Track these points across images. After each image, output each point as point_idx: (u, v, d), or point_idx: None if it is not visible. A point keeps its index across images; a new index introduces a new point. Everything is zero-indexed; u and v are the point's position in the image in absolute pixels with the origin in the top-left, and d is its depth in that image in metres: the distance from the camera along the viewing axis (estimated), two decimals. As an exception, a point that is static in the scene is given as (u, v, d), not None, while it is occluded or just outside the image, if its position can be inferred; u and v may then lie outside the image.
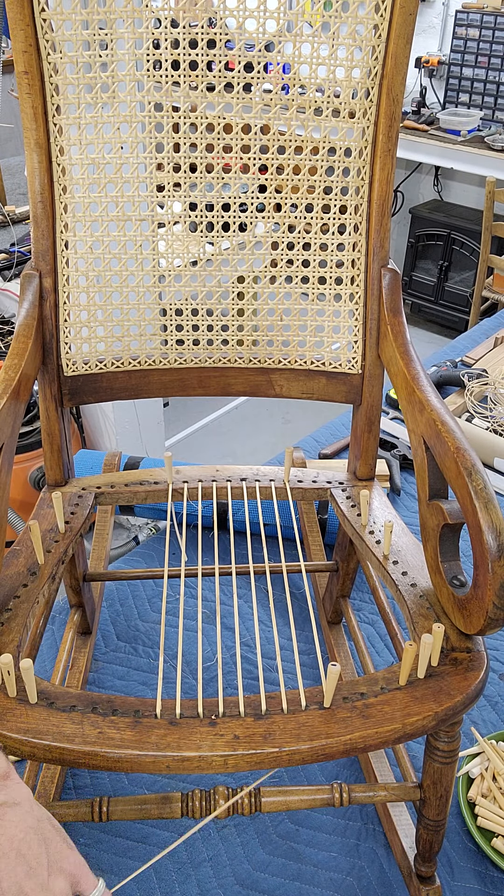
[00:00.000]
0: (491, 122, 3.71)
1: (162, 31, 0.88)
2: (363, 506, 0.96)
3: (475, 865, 0.95)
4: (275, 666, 1.17)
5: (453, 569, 0.80)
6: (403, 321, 0.95)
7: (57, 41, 0.87)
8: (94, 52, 0.88)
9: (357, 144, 0.94)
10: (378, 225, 0.96)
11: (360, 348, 0.99)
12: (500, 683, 1.18)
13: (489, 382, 1.74)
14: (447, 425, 0.78)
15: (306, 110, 0.93)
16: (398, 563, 0.87)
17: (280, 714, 0.70)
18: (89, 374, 1.00)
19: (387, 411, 1.76)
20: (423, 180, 4.36)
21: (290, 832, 0.98)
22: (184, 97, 0.91)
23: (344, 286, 1.00)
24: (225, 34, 0.89)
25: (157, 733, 0.68)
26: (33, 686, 0.69)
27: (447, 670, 0.73)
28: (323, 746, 0.67)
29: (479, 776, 1.01)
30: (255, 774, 1.03)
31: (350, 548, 1.11)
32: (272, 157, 0.95)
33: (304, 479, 1.04)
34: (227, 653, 1.19)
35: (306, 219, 0.98)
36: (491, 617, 0.70)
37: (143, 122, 0.92)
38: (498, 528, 0.68)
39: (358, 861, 0.95)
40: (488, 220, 3.19)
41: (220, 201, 0.96)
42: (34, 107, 0.88)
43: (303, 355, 1.02)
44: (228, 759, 0.66)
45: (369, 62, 0.90)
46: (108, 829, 0.97)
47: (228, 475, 1.05)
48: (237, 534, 1.39)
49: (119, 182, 0.94)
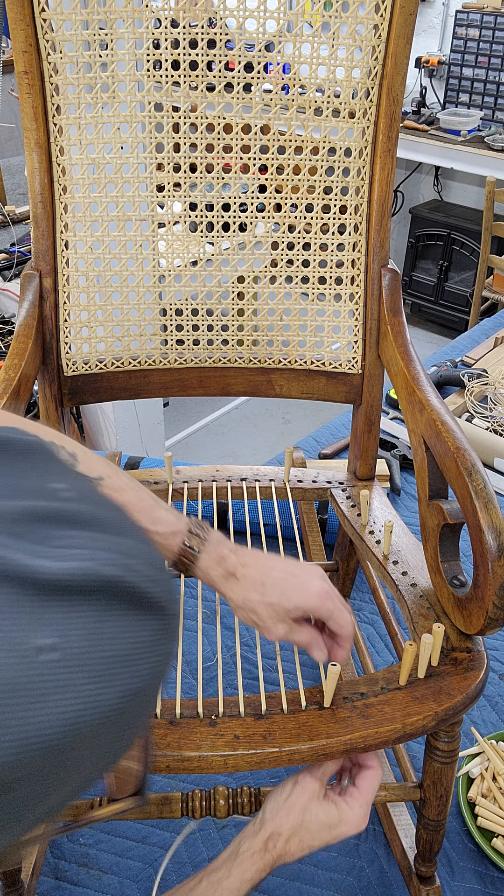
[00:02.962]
0: (491, 122, 3.71)
1: (162, 31, 0.88)
2: (363, 506, 0.96)
3: (475, 865, 0.95)
4: (275, 666, 1.17)
5: (453, 569, 0.80)
6: (403, 321, 0.95)
7: (57, 41, 0.87)
8: (94, 52, 0.88)
9: (357, 144, 0.94)
10: (378, 225, 0.96)
11: (360, 348, 0.99)
12: (500, 683, 1.18)
13: (489, 382, 1.74)
14: (447, 425, 0.78)
15: (306, 110, 0.93)
16: (398, 563, 0.87)
17: (280, 714, 0.70)
18: (89, 374, 1.00)
19: (387, 411, 1.76)
20: (423, 180, 4.36)
21: (290, 832, 0.98)
22: (184, 97, 0.91)
23: (344, 286, 1.00)
24: (225, 34, 0.89)
25: (157, 733, 0.68)
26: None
27: (447, 670, 0.73)
28: (323, 746, 0.67)
29: (479, 776, 1.01)
30: (255, 774, 1.03)
31: (350, 548, 1.11)
32: (272, 157, 0.95)
33: (304, 479, 1.04)
34: (227, 653, 1.19)
35: (306, 219, 0.98)
36: (491, 617, 0.70)
37: (143, 122, 0.92)
38: (498, 528, 0.68)
39: (358, 861, 0.95)
40: (488, 220, 3.19)
41: (220, 201, 0.96)
42: (34, 107, 0.88)
43: (303, 355, 1.02)
44: (228, 759, 0.66)
45: (369, 62, 0.90)
46: (109, 829, 0.97)
47: (228, 475, 1.05)
48: (237, 534, 1.38)
49: (119, 182, 0.94)
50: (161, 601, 0.36)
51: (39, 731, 0.30)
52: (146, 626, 0.35)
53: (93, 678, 0.32)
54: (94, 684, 0.32)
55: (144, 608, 0.35)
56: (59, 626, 0.31)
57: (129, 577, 0.34)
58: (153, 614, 0.36)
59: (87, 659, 0.32)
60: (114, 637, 0.33)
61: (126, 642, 0.34)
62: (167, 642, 0.37)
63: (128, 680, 0.34)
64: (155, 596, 0.36)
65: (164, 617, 0.36)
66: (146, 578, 0.35)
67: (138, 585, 0.35)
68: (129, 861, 0.94)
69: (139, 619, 0.35)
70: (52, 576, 0.31)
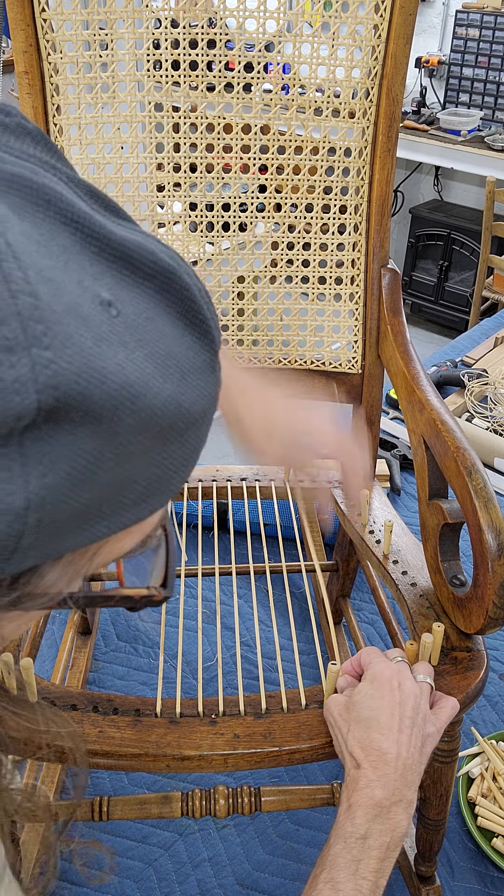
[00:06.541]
0: (491, 122, 3.71)
1: (162, 32, 0.88)
2: (363, 505, 0.96)
3: (475, 865, 0.95)
4: (275, 666, 1.17)
5: (453, 568, 0.80)
6: (403, 321, 0.95)
7: (57, 41, 0.87)
8: (94, 52, 0.88)
9: (357, 144, 0.94)
10: (378, 225, 0.96)
11: (360, 348, 0.99)
12: (500, 683, 1.18)
13: (489, 382, 1.74)
14: (447, 425, 0.78)
15: (306, 110, 0.93)
16: (398, 563, 0.87)
17: (280, 713, 0.70)
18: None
19: (387, 411, 1.76)
20: (423, 180, 4.36)
21: (290, 832, 0.98)
22: (184, 97, 0.91)
23: (344, 286, 1.00)
24: (225, 34, 0.89)
25: (158, 732, 0.68)
26: (33, 685, 0.69)
27: (447, 670, 0.73)
28: (323, 745, 0.67)
29: (479, 776, 1.01)
30: (256, 774, 1.03)
31: (350, 548, 1.11)
32: (272, 157, 0.95)
33: (304, 479, 1.05)
34: (228, 652, 1.19)
35: (306, 218, 0.98)
36: (491, 616, 0.70)
37: (143, 123, 0.92)
38: (498, 528, 0.68)
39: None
40: (488, 220, 3.19)
41: (220, 201, 0.96)
42: (34, 107, 0.88)
43: (303, 355, 1.02)
44: (228, 759, 0.67)
45: (369, 62, 0.90)
46: (109, 829, 0.97)
47: (228, 475, 1.05)
48: (237, 533, 1.38)
49: (119, 182, 0.94)
50: (213, 331, 0.33)
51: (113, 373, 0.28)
52: (198, 350, 0.33)
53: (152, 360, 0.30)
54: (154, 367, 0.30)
55: (198, 329, 0.33)
56: (120, 291, 0.30)
57: (187, 280, 0.32)
58: (206, 343, 0.33)
59: (146, 336, 0.30)
60: (166, 335, 0.31)
61: (179, 349, 0.31)
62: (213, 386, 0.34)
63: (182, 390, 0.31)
64: (208, 321, 0.33)
65: (215, 355, 0.34)
66: (201, 294, 0.33)
67: (195, 294, 0.32)
68: (130, 861, 0.94)
69: (193, 338, 0.32)
70: (119, 239, 0.30)
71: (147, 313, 0.30)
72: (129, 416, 0.29)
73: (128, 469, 0.30)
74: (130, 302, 0.30)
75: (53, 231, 0.28)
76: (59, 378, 0.26)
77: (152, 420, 0.30)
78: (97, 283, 0.29)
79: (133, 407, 0.29)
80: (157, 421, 0.30)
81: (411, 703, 0.63)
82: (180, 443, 0.33)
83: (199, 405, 0.33)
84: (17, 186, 0.28)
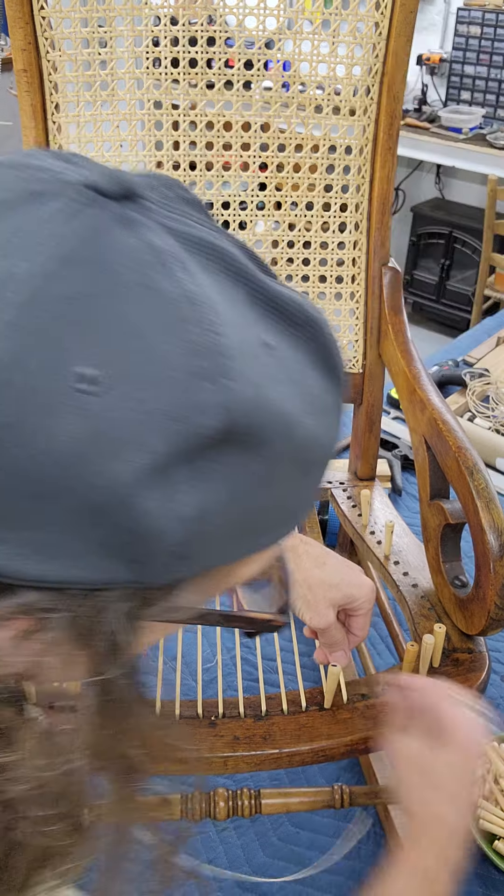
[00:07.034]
0: (493, 120, 3.70)
1: (161, 29, 0.87)
2: (364, 506, 0.96)
3: (477, 868, 0.94)
4: (275, 667, 1.17)
5: (455, 569, 0.80)
6: (404, 320, 0.94)
7: (56, 39, 0.86)
8: (93, 49, 0.88)
9: (357, 142, 0.93)
10: (379, 223, 0.95)
11: (361, 347, 0.99)
12: (501, 685, 1.18)
13: (491, 382, 1.74)
14: (448, 424, 0.78)
15: (306, 108, 0.93)
16: (399, 564, 0.87)
17: (280, 715, 0.70)
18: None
19: (388, 411, 1.76)
20: (425, 178, 4.35)
21: (290, 834, 0.98)
22: (183, 95, 0.91)
23: (344, 285, 0.99)
24: (224, 32, 0.89)
25: (156, 735, 0.67)
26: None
27: (449, 671, 0.73)
28: (323, 748, 0.67)
29: (479, 778, 1.01)
30: (255, 776, 1.02)
31: (351, 548, 1.10)
32: (272, 155, 0.94)
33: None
34: (227, 654, 1.18)
35: (306, 217, 0.97)
36: (493, 617, 0.70)
37: (142, 120, 0.91)
38: (500, 528, 0.68)
39: (359, 864, 0.94)
40: (490, 218, 3.18)
41: (219, 199, 0.96)
42: (33, 105, 0.88)
43: (303, 354, 1.02)
44: (228, 761, 0.66)
45: (370, 60, 0.89)
46: (108, 831, 0.97)
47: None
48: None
49: (118, 180, 0.93)
50: (343, 376, 0.40)
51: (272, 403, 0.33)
52: (330, 390, 0.38)
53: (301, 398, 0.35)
54: (302, 404, 0.35)
55: (333, 373, 0.38)
56: (277, 336, 0.35)
57: (328, 332, 0.38)
58: (337, 387, 0.39)
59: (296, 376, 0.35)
60: (310, 377, 0.37)
61: (319, 391, 0.37)
62: (338, 427, 0.40)
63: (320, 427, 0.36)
64: (340, 368, 0.39)
65: (341, 398, 0.40)
66: (336, 345, 0.39)
67: (332, 345, 0.38)
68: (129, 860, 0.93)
69: (329, 381, 0.38)
70: (275, 293, 0.36)
71: (297, 356, 0.36)
72: (284, 445, 0.34)
73: (275, 494, 0.35)
74: (285, 346, 0.36)
75: (229, 285, 0.34)
76: (238, 405, 0.31)
77: (299, 451, 0.35)
78: (260, 328, 0.35)
79: (288, 436, 0.34)
80: (302, 452, 0.35)
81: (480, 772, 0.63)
82: (314, 475, 0.38)
83: (331, 442, 0.39)
84: (206, 250, 0.34)
